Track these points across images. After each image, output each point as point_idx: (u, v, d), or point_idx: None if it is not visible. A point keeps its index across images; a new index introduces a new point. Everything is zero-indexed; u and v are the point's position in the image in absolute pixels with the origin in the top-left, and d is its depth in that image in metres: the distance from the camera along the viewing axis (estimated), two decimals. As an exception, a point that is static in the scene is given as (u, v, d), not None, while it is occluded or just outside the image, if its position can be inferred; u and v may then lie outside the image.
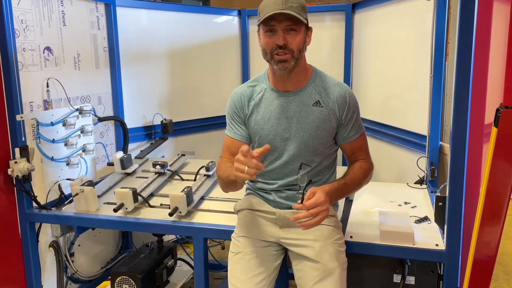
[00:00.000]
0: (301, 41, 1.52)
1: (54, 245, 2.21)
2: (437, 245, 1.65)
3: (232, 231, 1.75)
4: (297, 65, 1.55)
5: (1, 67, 1.94)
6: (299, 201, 1.40)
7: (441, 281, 1.70)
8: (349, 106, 1.61)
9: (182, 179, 2.49)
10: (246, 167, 1.32)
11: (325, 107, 1.60)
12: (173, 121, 3.11)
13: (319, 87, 1.61)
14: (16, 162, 1.98)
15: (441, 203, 1.64)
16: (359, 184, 1.64)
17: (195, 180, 2.41)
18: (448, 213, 1.56)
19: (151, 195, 2.28)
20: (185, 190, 2.06)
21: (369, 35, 2.99)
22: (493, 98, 1.24)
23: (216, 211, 2.09)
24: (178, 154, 2.80)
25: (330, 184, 1.56)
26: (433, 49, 2.26)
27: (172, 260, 2.56)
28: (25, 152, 2.02)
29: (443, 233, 1.65)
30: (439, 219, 1.67)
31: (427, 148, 2.35)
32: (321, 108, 1.59)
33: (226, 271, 1.81)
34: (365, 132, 1.74)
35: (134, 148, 2.97)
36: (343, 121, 1.62)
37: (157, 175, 2.48)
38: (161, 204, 2.15)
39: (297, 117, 1.60)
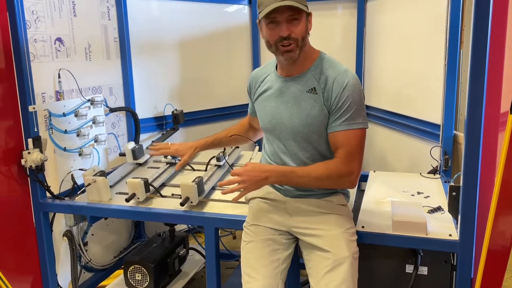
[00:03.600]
0: (304, 29, 1.53)
1: (68, 235, 2.24)
2: (450, 235, 1.62)
3: (243, 221, 1.76)
4: (301, 53, 1.56)
5: (13, 58, 1.96)
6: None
7: (454, 272, 1.68)
8: (343, 93, 1.52)
9: (193, 169, 2.49)
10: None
11: (319, 94, 1.56)
12: (184, 111, 3.11)
13: (319, 74, 1.58)
14: (29, 153, 2.00)
15: (455, 193, 1.62)
16: (317, 180, 1.54)
17: (206, 170, 2.41)
18: (462, 203, 1.54)
19: (163, 185, 2.29)
20: (196, 180, 2.06)
21: (381, 23, 2.94)
22: (509, 86, 1.21)
23: (227, 201, 2.09)
24: (189, 145, 2.80)
25: (278, 166, 1.62)
26: (448, 36, 2.21)
27: (184, 249, 2.58)
28: (38, 143, 2.04)
29: (457, 223, 1.63)
30: (453, 209, 1.65)
31: (440, 137, 2.32)
32: (315, 95, 1.57)
33: (238, 260, 1.83)
34: (377, 121, 1.71)
35: (146, 139, 2.98)
36: (333, 108, 1.54)
37: (168, 165, 2.49)
38: (173, 194, 2.16)
39: (292, 102, 1.60)
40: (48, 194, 2.15)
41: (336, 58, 1.66)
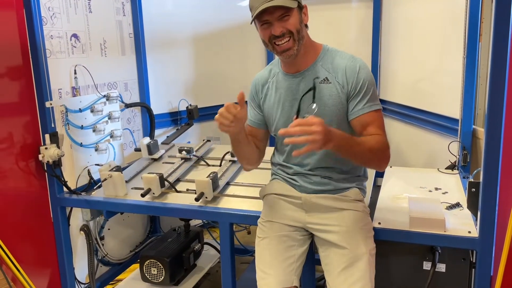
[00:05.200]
0: (297, 22, 1.50)
1: (85, 229, 2.27)
2: (469, 232, 1.59)
3: (258, 217, 1.75)
4: (301, 47, 1.53)
5: (30, 54, 1.98)
6: (295, 116, 1.39)
7: (473, 269, 1.65)
8: (358, 77, 1.53)
9: (208, 165, 2.50)
10: (228, 121, 1.45)
11: (333, 83, 1.55)
12: (198, 106, 3.11)
13: (328, 64, 1.57)
14: (46, 148, 2.03)
15: (474, 189, 1.59)
16: (369, 152, 1.47)
17: (220, 165, 2.41)
18: (482, 199, 1.51)
19: (178, 180, 2.30)
20: (211, 175, 2.07)
21: (398, 15, 2.89)
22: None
23: (242, 197, 2.09)
24: (203, 140, 2.80)
25: (336, 129, 1.42)
26: (467, 29, 2.16)
27: (199, 244, 2.60)
28: (55, 138, 2.06)
29: (476, 219, 1.60)
30: (472, 206, 1.62)
31: (459, 132, 2.27)
32: (329, 85, 1.55)
33: (252, 255, 1.82)
34: (393, 115, 1.68)
35: (161, 134, 2.99)
36: (352, 94, 1.54)
37: (183, 160, 2.50)
38: (187, 189, 2.16)
39: (307, 96, 1.58)
40: (65, 189, 2.18)
41: (351, 52, 1.63)
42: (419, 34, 2.66)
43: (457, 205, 1.83)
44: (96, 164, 2.33)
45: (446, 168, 2.31)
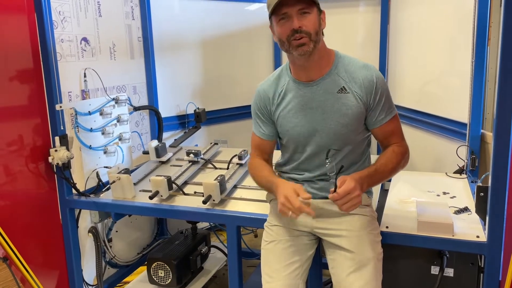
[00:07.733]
0: (316, 22, 1.48)
1: (93, 231, 2.28)
2: (478, 236, 1.58)
3: (265, 220, 1.75)
4: (316, 50, 1.50)
5: (41, 58, 2.00)
6: (332, 189, 1.40)
7: (481, 274, 1.64)
8: (377, 88, 1.54)
9: (215, 168, 2.51)
10: (290, 212, 1.43)
11: (351, 93, 1.54)
12: (206, 110, 3.13)
13: (343, 72, 1.55)
14: (56, 150, 2.05)
15: (482, 193, 1.58)
16: (394, 170, 1.57)
17: (228, 168, 2.42)
18: (490, 203, 1.50)
19: (185, 183, 2.31)
20: (218, 178, 2.08)
21: (406, 18, 2.89)
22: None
23: (249, 200, 2.10)
24: (211, 143, 2.81)
25: (360, 171, 1.52)
26: (475, 33, 2.15)
27: (206, 247, 2.60)
28: (65, 141, 2.09)
29: (485, 224, 1.59)
30: (480, 210, 1.61)
31: (467, 136, 2.26)
32: (347, 94, 1.54)
33: (259, 259, 1.83)
34: (401, 119, 1.68)
35: (168, 137, 3.01)
36: (372, 105, 1.55)
37: (190, 163, 2.51)
38: (195, 192, 2.17)
39: (323, 106, 1.56)
40: (74, 191, 2.20)
41: (359, 57, 1.63)
42: (427, 38, 2.65)
43: (465, 209, 1.82)
44: (104, 167, 2.35)
45: (454, 173, 2.30)
